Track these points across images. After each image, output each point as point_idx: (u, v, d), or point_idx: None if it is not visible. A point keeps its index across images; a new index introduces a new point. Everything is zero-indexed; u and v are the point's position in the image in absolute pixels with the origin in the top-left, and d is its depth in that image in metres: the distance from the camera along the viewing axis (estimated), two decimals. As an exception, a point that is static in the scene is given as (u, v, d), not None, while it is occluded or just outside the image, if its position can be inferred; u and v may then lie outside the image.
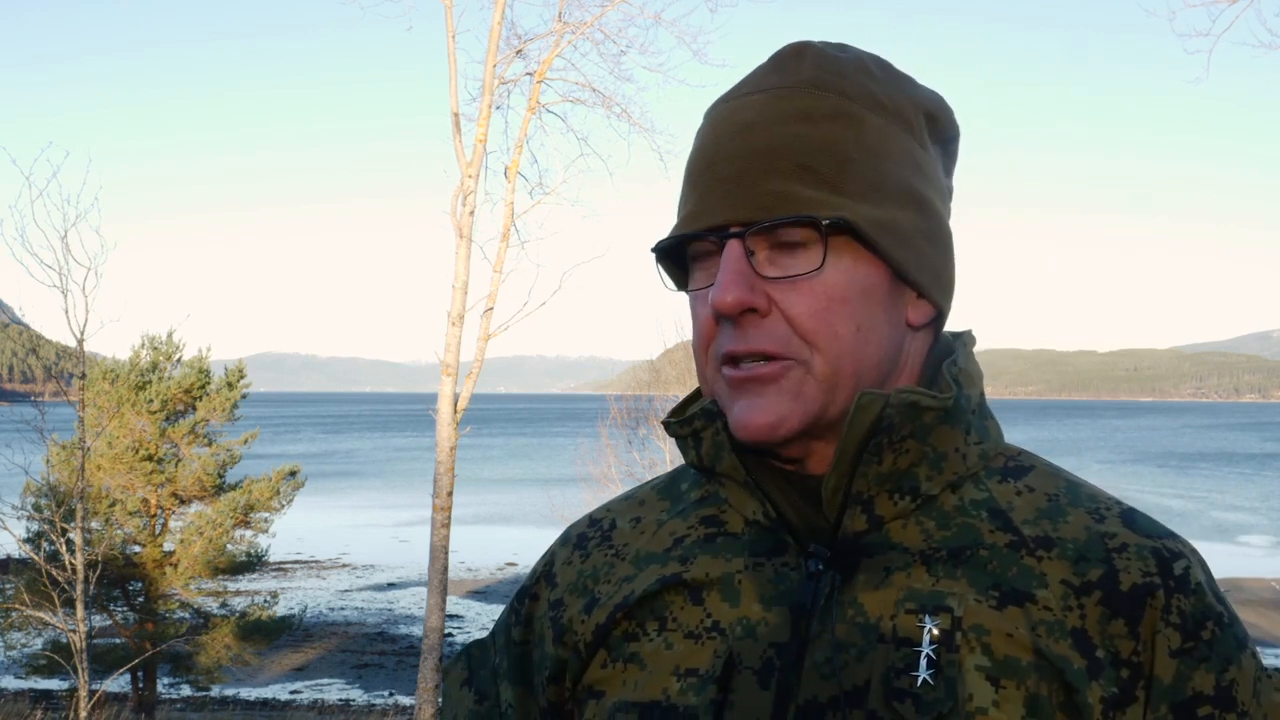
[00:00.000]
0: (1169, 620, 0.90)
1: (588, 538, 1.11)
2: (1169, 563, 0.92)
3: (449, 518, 11.43)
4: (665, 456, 20.34)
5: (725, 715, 0.93)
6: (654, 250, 1.01)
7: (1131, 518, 0.96)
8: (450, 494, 11.43)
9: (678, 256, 1.02)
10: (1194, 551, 0.95)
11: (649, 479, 1.15)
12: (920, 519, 0.95)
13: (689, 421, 1.00)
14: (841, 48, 1.01)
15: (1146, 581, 0.91)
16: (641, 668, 0.99)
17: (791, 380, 0.93)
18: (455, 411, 11.40)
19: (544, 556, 1.14)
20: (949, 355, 1.01)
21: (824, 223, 0.92)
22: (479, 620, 26.19)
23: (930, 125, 1.01)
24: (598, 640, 1.02)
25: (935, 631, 0.89)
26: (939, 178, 1.01)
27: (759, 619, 0.95)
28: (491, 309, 11.61)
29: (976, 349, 1.06)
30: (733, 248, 0.93)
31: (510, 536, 37.50)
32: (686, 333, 22.41)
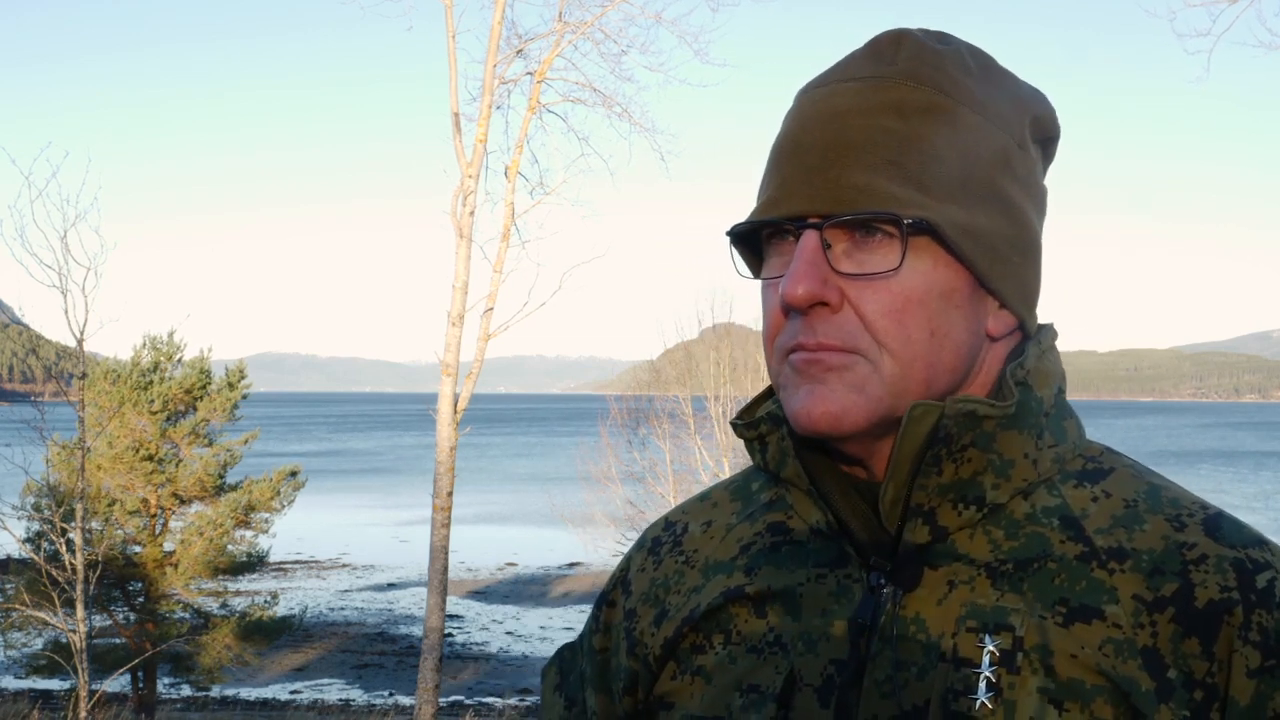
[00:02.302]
0: (1248, 638, 0.84)
1: (661, 542, 1.10)
2: (1251, 575, 0.87)
3: (449, 518, 11.43)
4: (665, 457, 20.34)
5: None
6: (729, 234, 0.97)
7: (1216, 525, 0.90)
8: (450, 494, 11.43)
9: (752, 242, 0.98)
10: None
11: (724, 477, 1.14)
12: (988, 528, 0.92)
13: (755, 425, 0.99)
14: (942, 38, 0.97)
15: (1224, 597, 0.86)
16: (707, 681, 0.98)
17: (857, 374, 0.89)
18: (455, 411, 11.40)
19: (622, 561, 1.14)
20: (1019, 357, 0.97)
21: (906, 222, 0.88)
22: (479, 620, 26.18)
23: (1033, 125, 0.98)
24: (666, 653, 1.02)
25: (995, 652, 0.86)
26: (1034, 181, 0.98)
27: (820, 634, 0.94)
28: (491, 309, 11.62)
29: None
30: (808, 239, 0.90)
31: (510, 536, 37.49)
32: (686, 333, 22.45)
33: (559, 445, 76.66)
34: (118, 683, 15.26)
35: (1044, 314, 1.01)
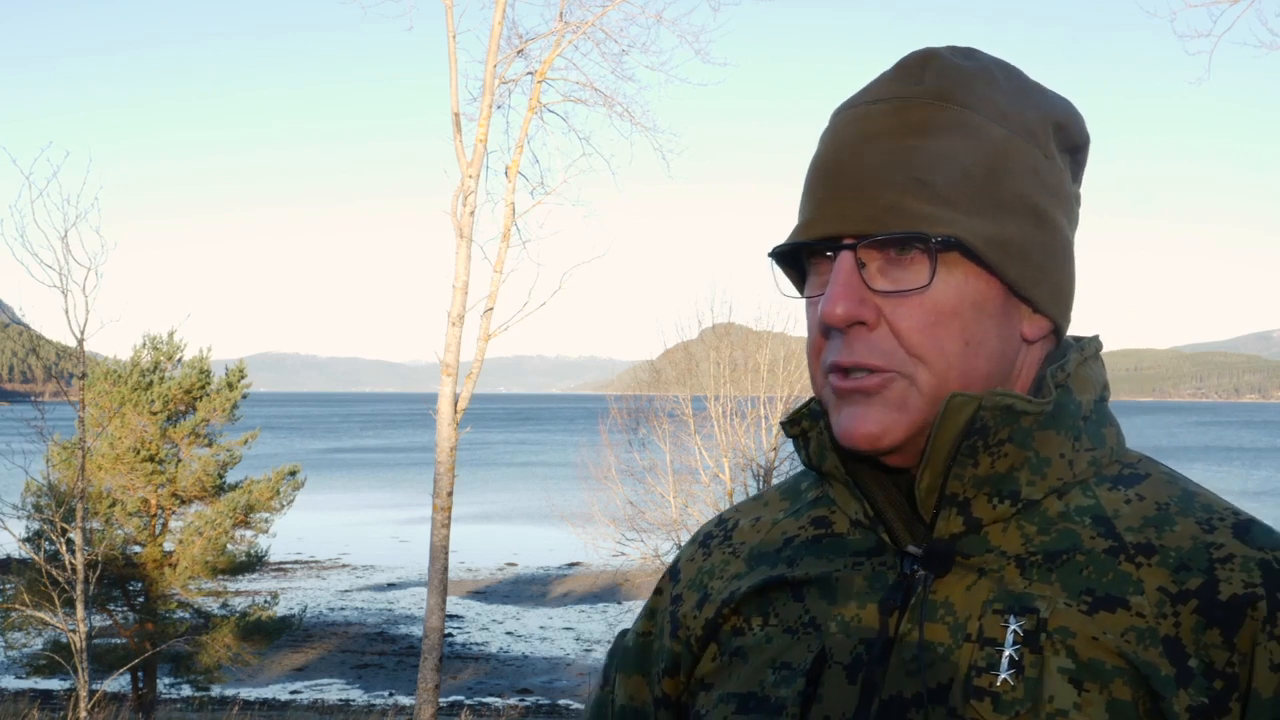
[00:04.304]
0: (1272, 633, 0.87)
1: (712, 536, 1.15)
2: (1277, 575, 0.89)
3: (449, 518, 11.43)
4: (665, 457, 20.33)
5: (813, 708, 0.95)
6: (771, 255, 1.02)
7: (1246, 529, 0.93)
8: (450, 494, 11.43)
9: (795, 261, 1.03)
10: None
11: (779, 481, 1.19)
12: (1021, 523, 0.95)
13: (797, 421, 1.03)
14: (968, 55, 1.01)
15: (1248, 592, 0.88)
16: (745, 661, 1.03)
17: (895, 392, 0.94)
18: (455, 411, 11.40)
19: (677, 554, 1.19)
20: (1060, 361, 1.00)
21: (934, 240, 0.92)
22: (479, 620, 26.17)
23: (1059, 134, 1.01)
24: (708, 635, 1.07)
25: (1019, 632, 0.90)
26: (1063, 188, 1.00)
27: (852, 615, 0.97)
28: (491, 309, 11.62)
29: None
30: (844, 260, 0.94)
31: (510, 536, 37.48)
32: (686, 333, 22.44)
33: (559, 445, 76.67)
34: (118, 683, 15.26)
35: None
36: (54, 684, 18.00)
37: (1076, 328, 1.05)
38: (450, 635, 23.17)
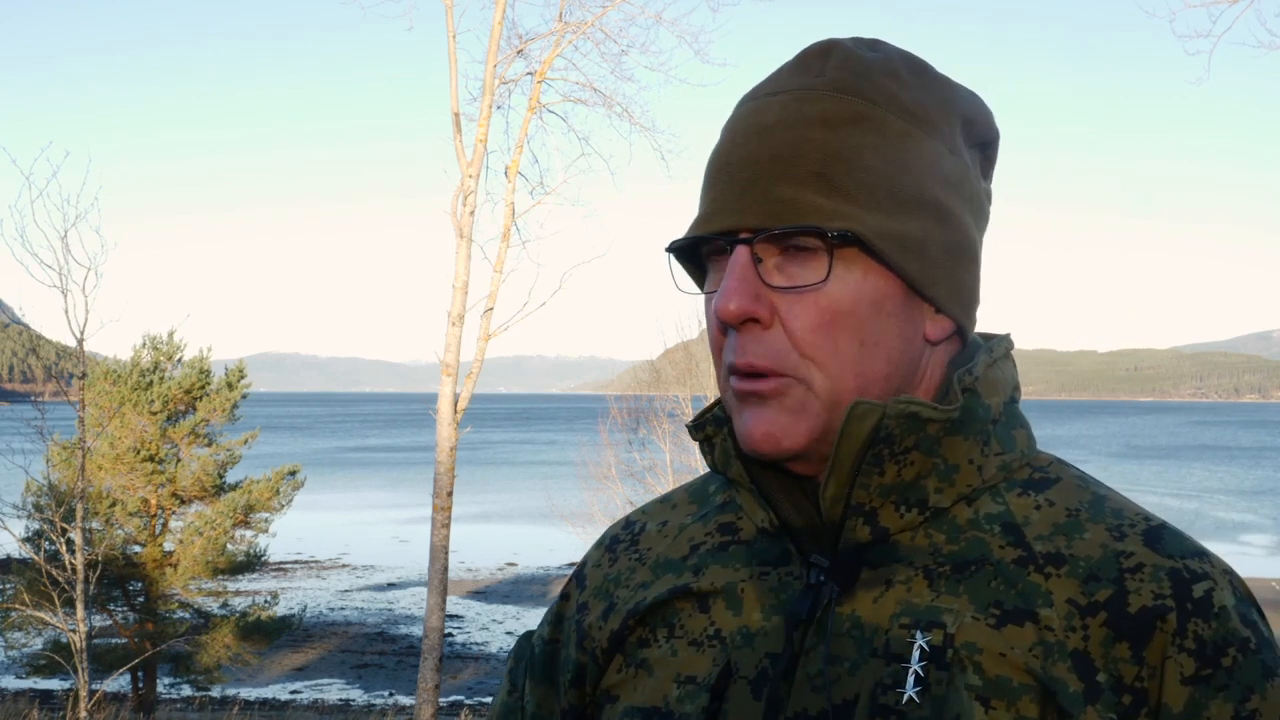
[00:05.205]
0: (1182, 645, 0.85)
1: (619, 540, 1.11)
2: (1188, 585, 0.87)
3: (449, 518, 11.42)
4: (665, 457, 20.34)
5: None
6: (669, 250, 0.99)
7: (1156, 536, 0.91)
8: (450, 494, 11.42)
9: (695, 256, 1.00)
10: (1225, 573, 0.90)
11: (688, 481, 1.16)
12: (930, 532, 0.93)
13: (702, 426, 1.00)
14: (873, 46, 0.98)
15: (1157, 604, 0.86)
16: (650, 674, 0.99)
17: (793, 397, 0.91)
18: (455, 411, 11.40)
19: (583, 558, 1.15)
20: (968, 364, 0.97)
21: (830, 234, 0.89)
22: (479, 620, 26.18)
23: (965, 129, 0.98)
24: (613, 646, 1.03)
25: (925, 648, 0.87)
26: (969, 185, 0.97)
27: (758, 628, 0.95)
28: (491, 309, 11.61)
29: None
30: (740, 254, 0.91)
31: (510, 536, 37.50)
32: (687, 333, 22.44)
33: (558, 445, 76.65)
34: (118, 683, 15.27)
35: (1044, 313, 0.97)
36: (54, 684, 18.00)
37: (1079, 329, 1.01)
38: (450, 635, 23.17)
